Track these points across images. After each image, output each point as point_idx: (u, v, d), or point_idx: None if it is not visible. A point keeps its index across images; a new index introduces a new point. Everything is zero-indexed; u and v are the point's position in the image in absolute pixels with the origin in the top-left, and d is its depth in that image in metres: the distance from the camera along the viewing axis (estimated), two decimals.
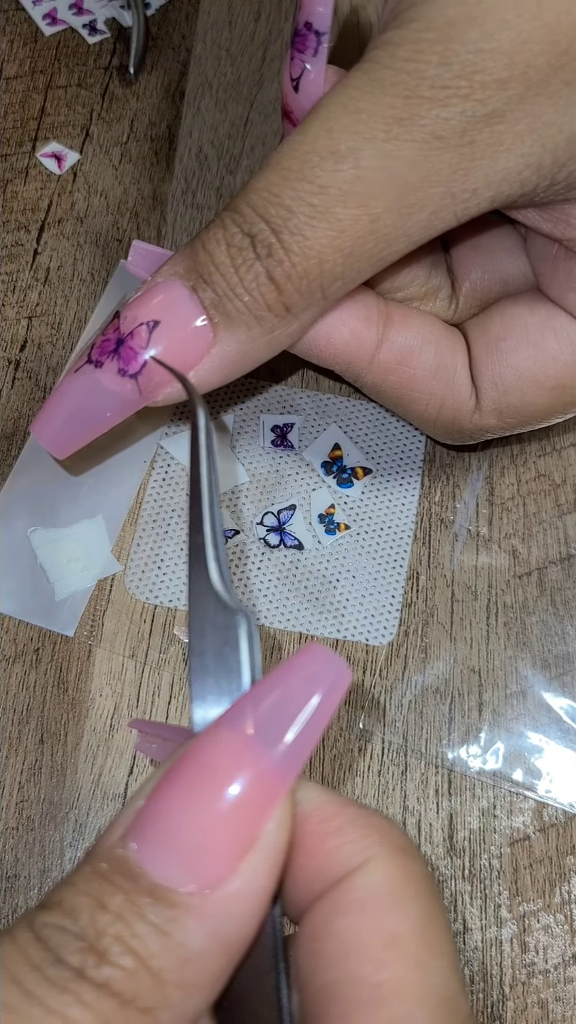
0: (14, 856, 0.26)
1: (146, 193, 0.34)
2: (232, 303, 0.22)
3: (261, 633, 0.28)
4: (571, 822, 0.27)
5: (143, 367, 0.23)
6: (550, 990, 0.25)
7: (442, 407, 0.27)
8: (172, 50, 0.37)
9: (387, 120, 0.21)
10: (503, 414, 0.27)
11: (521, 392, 0.26)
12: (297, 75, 0.25)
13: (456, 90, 0.21)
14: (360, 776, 0.27)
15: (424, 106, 0.21)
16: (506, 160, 0.21)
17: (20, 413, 0.30)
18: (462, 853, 0.27)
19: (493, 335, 0.26)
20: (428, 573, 0.30)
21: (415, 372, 0.26)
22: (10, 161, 0.35)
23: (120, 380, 0.23)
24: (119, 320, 0.23)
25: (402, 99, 0.21)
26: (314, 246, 0.21)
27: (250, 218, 0.22)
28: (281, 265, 0.22)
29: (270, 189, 0.22)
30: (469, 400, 0.27)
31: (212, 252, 0.22)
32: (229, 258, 0.22)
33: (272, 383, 0.32)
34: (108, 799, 0.26)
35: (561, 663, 0.29)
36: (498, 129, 0.21)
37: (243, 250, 0.22)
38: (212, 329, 0.23)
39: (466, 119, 0.21)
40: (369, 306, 0.26)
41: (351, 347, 0.25)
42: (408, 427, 0.32)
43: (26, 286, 0.32)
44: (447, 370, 0.26)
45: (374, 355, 0.26)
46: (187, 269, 0.23)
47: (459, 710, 0.28)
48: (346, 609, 0.29)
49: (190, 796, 0.15)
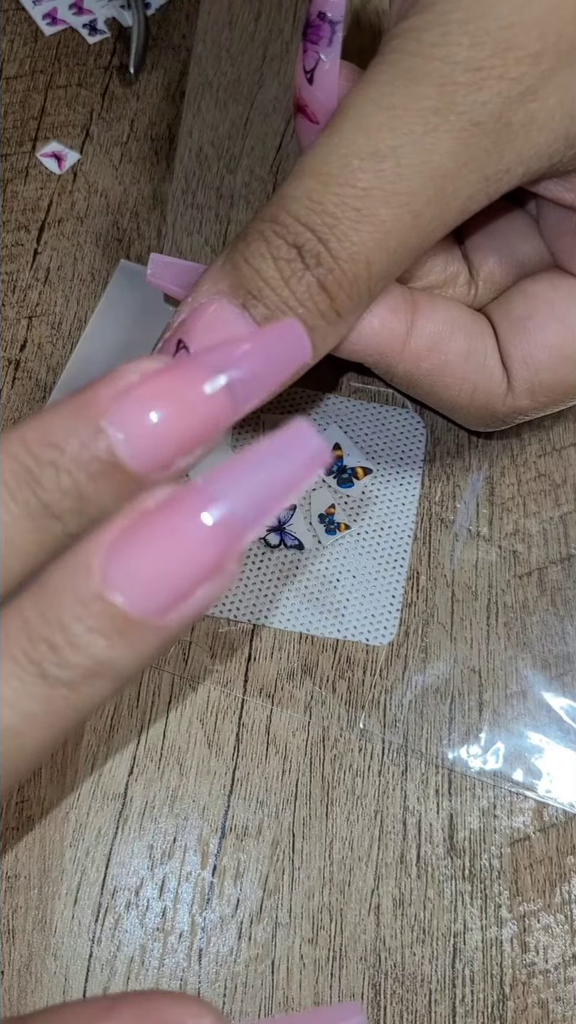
0: (14, 856, 0.26)
1: (146, 193, 0.34)
2: (285, 317, 0.22)
3: (261, 633, 0.29)
4: (571, 822, 0.27)
5: None
6: (550, 990, 0.25)
7: (475, 392, 0.26)
8: (172, 50, 0.37)
9: (423, 112, 0.21)
10: (536, 393, 0.26)
11: (553, 369, 0.26)
12: (311, 66, 0.24)
13: (491, 71, 0.20)
14: (360, 776, 0.27)
15: (460, 93, 0.20)
16: (538, 136, 0.21)
17: (20, 413, 0.30)
18: (462, 853, 0.27)
19: (517, 315, 0.26)
20: (428, 573, 0.30)
21: (447, 358, 0.26)
22: (10, 161, 0.35)
23: None
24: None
25: (436, 88, 0.20)
26: (362, 251, 0.21)
27: (294, 228, 0.21)
28: (332, 273, 0.21)
29: (311, 196, 0.21)
30: (501, 383, 0.26)
31: (259, 267, 0.22)
32: (278, 271, 0.22)
33: None
34: (108, 799, 0.26)
35: (561, 663, 0.29)
36: (532, 108, 0.21)
37: (291, 262, 0.22)
38: None
39: (502, 101, 0.20)
40: (395, 296, 0.25)
41: (382, 338, 0.25)
42: (408, 427, 0.32)
43: (26, 286, 0.32)
44: (478, 354, 0.26)
45: (405, 344, 0.25)
46: (232, 286, 0.22)
47: (459, 710, 0.28)
48: (346, 609, 0.29)
49: None
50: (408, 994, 0.25)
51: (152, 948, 0.25)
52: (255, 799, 0.27)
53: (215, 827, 0.26)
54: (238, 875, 0.26)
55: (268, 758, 0.27)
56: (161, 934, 0.25)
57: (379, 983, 0.25)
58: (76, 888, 0.25)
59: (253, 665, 0.28)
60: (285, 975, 0.25)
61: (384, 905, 0.26)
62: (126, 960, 0.25)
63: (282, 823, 0.27)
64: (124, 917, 0.25)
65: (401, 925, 0.26)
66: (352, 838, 0.27)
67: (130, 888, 0.26)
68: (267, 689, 0.28)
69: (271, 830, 0.26)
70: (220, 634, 0.28)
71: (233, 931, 0.25)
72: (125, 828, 0.26)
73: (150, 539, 0.16)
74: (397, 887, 0.26)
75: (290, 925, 0.26)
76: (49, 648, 0.16)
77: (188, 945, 0.25)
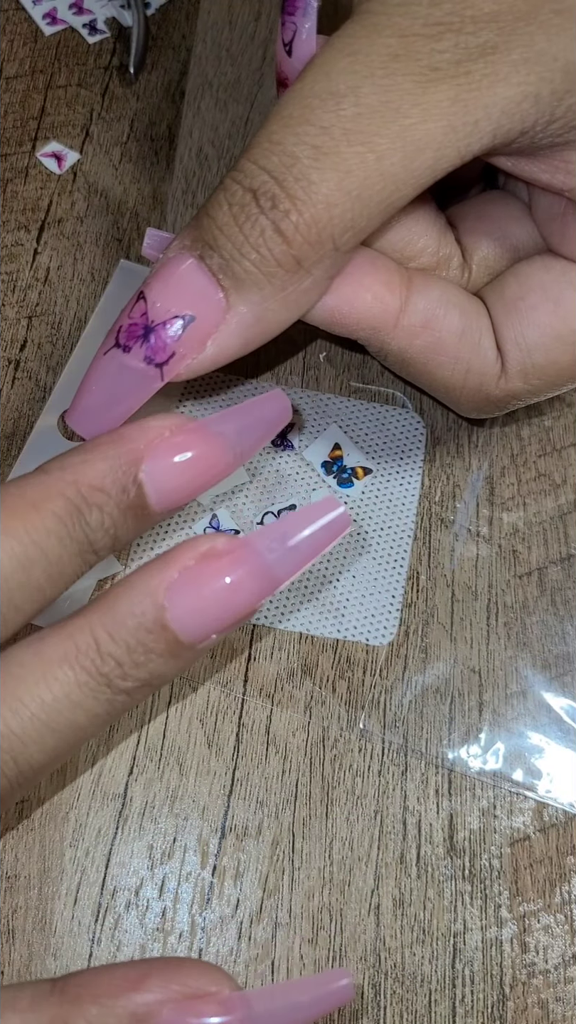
0: (14, 856, 0.26)
1: (146, 193, 0.34)
2: (240, 264, 0.22)
3: (261, 633, 0.29)
4: (571, 822, 0.27)
5: (170, 358, 0.23)
6: (550, 990, 0.25)
7: (468, 372, 0.26)
8: (172, 50, 0.37)
9: (384, 58, 0.21)
10: (529, 376, 0.26)
11: (545, 350, 0.26)
12: (289, 38, 0.24)
13: (448, 25, 0.21)
14: (360, 776, 0.27)
15: (419, 43, 0.21)
16: (504, 89, 0.21)
17: (20, 413, 0.30)
18: (462, 853, 0.27)
19: (510, 296, 0.26)
20: (428, 573, 0.30)
21: (441, 335, 0.26)
22: (10, 161, 0.35)
23: (146, 367, 0.23)
24: (146, 305, 0.23)
25: (397, 38, 0.21)
26: (321, 190, 0.21)
27: (251, 172, 0.21)
28: (288, 216, 0.21)
29: (270, 139, 0.21)
30: (495, 364, 0.26)
31: (214, 215, 0.22)
32: (232, 217, 0.22)
33: (272, 383, 0.32)
34: (108, 799, 0.26)
35: (561, 663, 0.29)
36: (492, 59, 0.21)
37: (245, 206, 0.21)
38: (224, 295, 0.22)
39: (460, 51, 0.21)
40: (390, 270, 0.25)
41: (374, 311, 0.25)
42: (408, 427, 0.32)
43: (26, 286, 0.32)
44: (472, 333, 0.26)
45: (398, 319, 0.25)
46: (193, 239, 0.22)
47: (459, 710, 0.28)
48: (346, 609, 0.29)
49: None
50: (408, 994, 0.25)
51: (152, 948, 0.25)
52: (255, 799, 0.27)
53: (215, 827, 0.26)
54: (238, 875, 0.26)
55: (268, 758, 0.27)
56: (161, 934, 0.25)
57: (379, 983, 0.25)
58: (76, 888, 0.25)
59: (253, 665, 0.28)
60: (285, 975, 0.25)
61: (384, 905, 0.26)
62: (126, 960, 0.25)
63: (282, 823, 0.27)
64: (124, 917, 0.25)
65: (401, 925, 0.26)
66: (352, 838, 0.27)
67: (130, 888, 0.26)
68: (267, 689, 0.28)
69: (271, 830, 0.26)
70: None
71: (233, 931, 0.25)
72: (125, 828, 0.26)
73: (207, 582, 0.20)
74: (397, 887, 0.26)
75: (290, 925, 0.26)
76: (116, 664, 0.20)
77: (188, 945, 0.25)
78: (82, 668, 0.20)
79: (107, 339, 0.24)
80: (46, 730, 0.20)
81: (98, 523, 0.21)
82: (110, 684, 0.20)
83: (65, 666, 0.20)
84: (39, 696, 0.19)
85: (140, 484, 0.21)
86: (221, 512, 0.30)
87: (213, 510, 0.30)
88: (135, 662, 0.20)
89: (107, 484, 0.21)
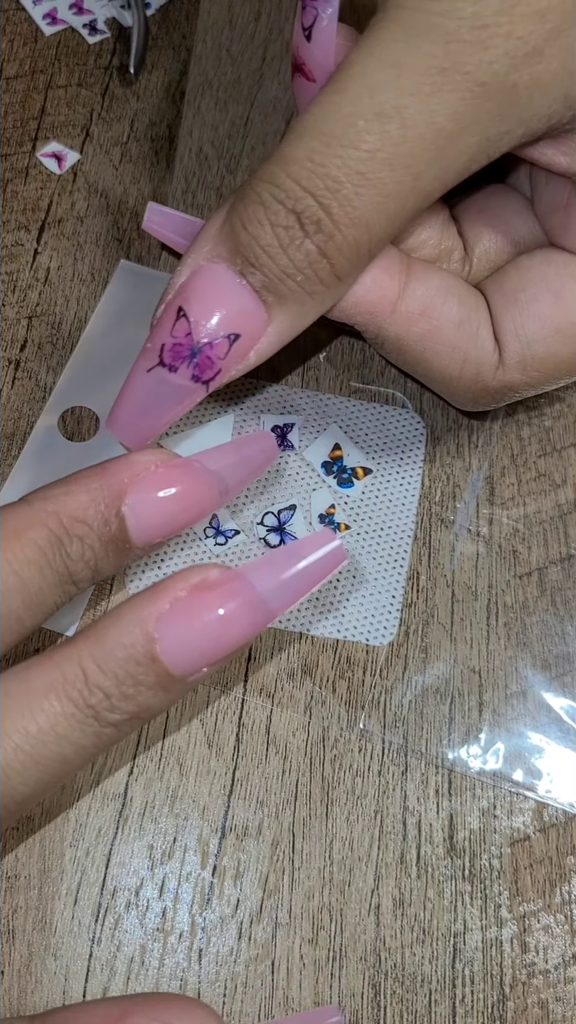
0: (14, 856, 0.26)
1: (146, 193, 0.34)
2: (284, 284, 0.22)
3: (261, 633, 0.28)
4: (571, 822, 0.27)
5: (217, 374, 0.23)
6: (550, 990, 0.25)
7: (465, 362, 0.26)
8: (172, 50, 0.37)
9: (430, 71, 0.20)
10: (527, 367, 0.26)
11: (545, 342, 0.26)
12: (309, 23, 0.24)
13: (497, 28, 0.20)
14: (360, 776, 0.27)
15: (466, 52, 0.20)
16: (540, 99, 0.21)
17: (20, 413, 0.30)
18: (462, 853, 0.27)
19: (510, 287, 0.26)
20: (428, 573, 0.30)
21: (438, 323, 0.26)
22: (10, 161, 0.35)
23: (193, 383, 0.23)
24: (189, 324, 0.23)
25: (442, 45, 0.20)
26: (363, 215, 0.21)
27: (294, 193, 0.21)
28: (332, 239, 0.21)
29: (312, 158, 0.21)
30: (493, 355, 0.26)
31: (256, 234, 0.22)
32: (276, 239, 0.21)
33: (272, 383, 0.32)
34: (108, 799, 0.26)
35: (561, 663, 0.29)
36: (537, 70, 0.20)
37: (289, 229, 0.21)
38: (266, 309, 0.22)
39: (509, 61, 0.20)
40: (390, 256, 0.25)
41: (373, 296, 0.25)
42: (408, 427, 0.32)
43: (26, 286, 0.32)
44: (471, 323, 0.26)
45: (396, 304, 0.25)
46: (231, 252, 0.22)
47: (459, 710, 0.28)
48: (346, 609, 0.29)
49: None
50: (408, 994, 0.25)
51: (152, 948, 0.25)
52: (255, 799, 0.27)
53: (215, 827, 0.26)
54: (238, 875, 0.26)
55: (268, 758, 0.27)
56: (161, 934, 0.25)
57: (379, 983, 0.25)
58: (76, 888, 0.25)
59: (253, 665, 0.28)
60: (285, 975, 0.25)
61: (384, 905, 0.26)
62: (126, 960, 0.25)
63: (282, 823, 0.27)
64: (124, 917, 0.25)
65: (401, 925, 0.26)
66: (352, 838, 0.27)
67: (130, 888, 0.26)
68: (267, 689, 0.28)
69: (271, 830, 0.26)
70: None
71: (233, 931, 0.25)
72: (125, 828, 0.26)
73: (199, 614, 0.20)
74: (397, 887, 0.26)
75: (290, 925, 0.26)
76: (105, 696, 0.19)
77: (188, 945, 0.25)
78: (69, 699, 0.19)
79: (147, 355, 0.23)
80: (30, 762, 0.19)
81: (79, 554, 0.21)
82: (97, 717, 0.19)
83: (52, 696, 0.19)
84: (23, 727, 0.19)
85: (122, 517, 0.21)
86: (221, 512, 0.30)
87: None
88: (124, 694, 0.19)
89: (89, 516, 0.21)
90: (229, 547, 0.29)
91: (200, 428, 0.31)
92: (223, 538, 0.29)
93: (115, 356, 0.31)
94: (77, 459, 0.30)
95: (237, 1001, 0.25)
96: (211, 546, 0.29)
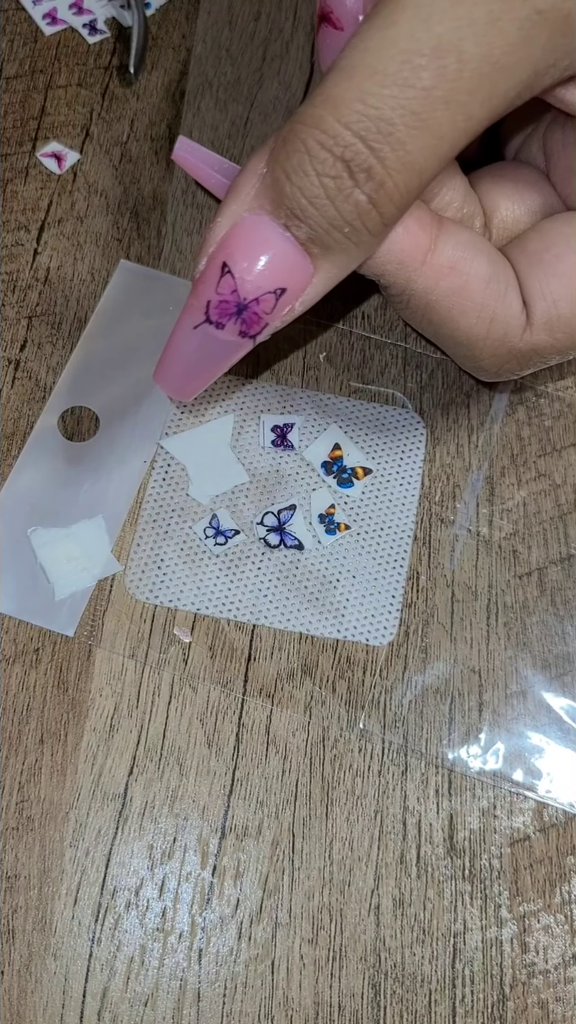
0: (14, 856, 0.26)
1: (146, 193, 0.34)
2: (331, 235, 0.21)
3: (261, 633, 0.28)
4: (571, 822, 0.27)
5: (263, 328, 0.23)
6: (550, 990, 0.25)
7: (493, 322, 0.26)
8: (172, 50, 0.37)
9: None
10: (554, 329, 0.26)
11: (570, 300, 0.25)
12: None
13: None
14: (360, 776, 0.27)
15: None
16: None
17: (20, 413, 0.30)
18: (462, 853, 0.27)
19: (533, 249, 0.26)
20: (428, 573, 0.30)
21: (468, 278, 0.25)
22: (10, 161, 0.35)
23: (240, 339, 0.23)
24: (235, 281, 0.22)
25: None
26: (416, 160, 0.20)
27: (343, 139, 0.19)
28: (383, 187, 0.20)
29: (365, 100, 0.19)
30: (520, 315, 0.26)
31: (301, 185, 0.20)
32: (323, 190, 0.20)
33: (272, 383, 0.32)
34: (108, 799, 0.26)
35: (561, 663, 0.29)
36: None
37: (338, 178, 0.20)
38: (311, 261, 0.22)
39: None
40: (422, 208, 0.25)
41: (404, 245, 0.24)
42: (408, 427, 0.32)
43: (26, 286, 0.32)
44: (499, 281, 0.25)
45: (426, 256, 0.24)
46: (274, 204, 0.21)
47: (459, 710, 0.28)
48: (346, 609, 0.29)
49: None
50: (408, 994, 0.25)
51: (152, 948, 0.25)
52: (255, 799, 0.27)
53: (215, 827, 0.26)
54: (238, 875, 0.26)
55: (268, 758, 0.27)
56: (161, 934, 0.25)
57: (379, 983, 0.25)
58: (76, 888, 0.25)
59: (253, 665, 0.28)
60: (285, 975, 0.25)
61: (384, 905, 0.26)
62: (126, 960, 0.25)
63: (282, 823, 0.27)
64: (124, 917, 0.25)
65: (401, 925, 0.26)
66: (352, 838, 0.27)
67: (130, 888, 0.26)
68: (267, 689, 0.28)
69: (271, 830, 0.26)
70: (220, 634, 0.28)
71: (233, 931, 0.25)
72: (125, 828, 0.26)
73: None
74: (397, 887, 0.26)
75: (290, 925, 0.26)
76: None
77: (188, 945, 0.25)
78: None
79: (192, 312, 0.23)
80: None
81: None
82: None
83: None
84: None
85: None
86: (221, 512, 0.30)
87: (213, 510, 0.30)
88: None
89: None
90: (229, 547, 0.29)
91: (200, 428, 0.31)
92: (223, 538, 0.29)
93: (115, 356, 0.31)
94: (77, 459, 0.30)
95: (237, 1001, 0.25)
96: (211, 546, 0.29)
